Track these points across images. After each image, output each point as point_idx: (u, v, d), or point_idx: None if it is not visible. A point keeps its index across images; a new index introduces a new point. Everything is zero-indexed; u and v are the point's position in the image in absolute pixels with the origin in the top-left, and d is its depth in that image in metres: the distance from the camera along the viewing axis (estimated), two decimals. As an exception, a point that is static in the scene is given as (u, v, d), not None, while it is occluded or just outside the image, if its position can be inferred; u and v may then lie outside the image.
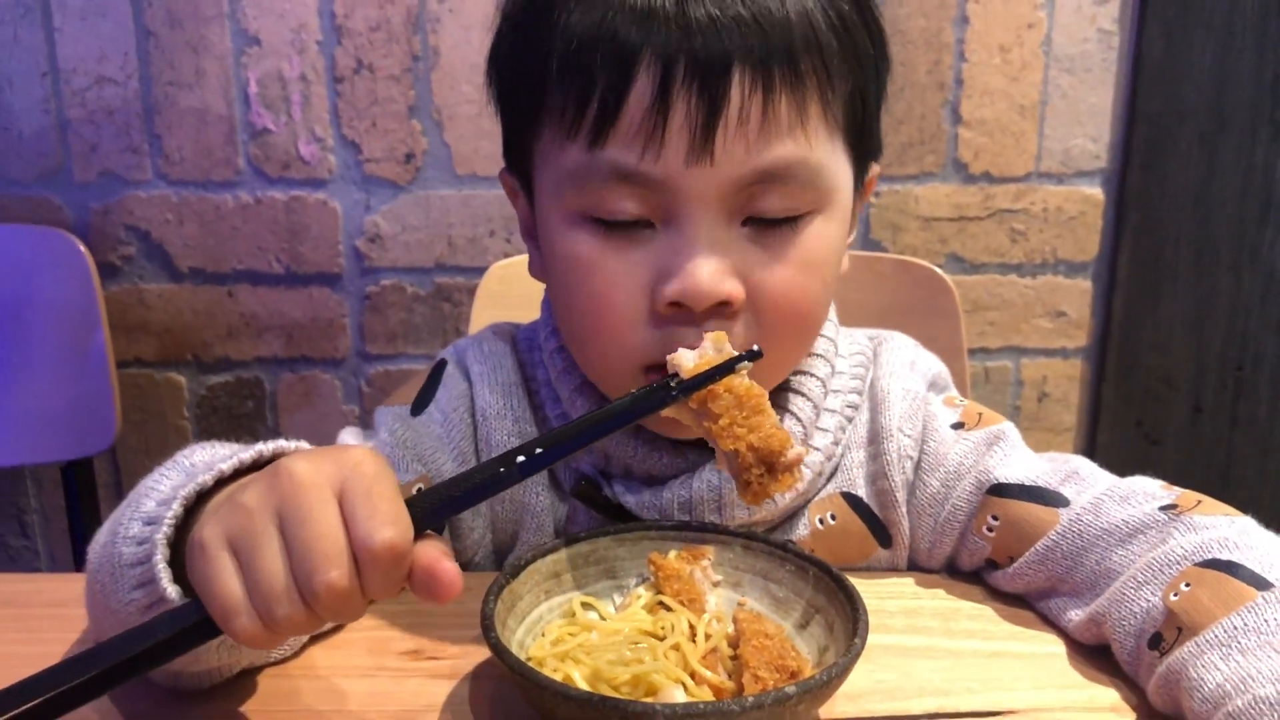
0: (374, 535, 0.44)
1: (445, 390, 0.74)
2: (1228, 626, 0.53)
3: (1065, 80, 1.37)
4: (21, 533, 1.54)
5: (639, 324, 0.63)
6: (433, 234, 1.41)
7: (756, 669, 0.53)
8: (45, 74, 1.36)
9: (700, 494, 0.67)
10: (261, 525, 0.45)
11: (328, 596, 0.44)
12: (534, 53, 0.64)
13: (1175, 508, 0.62)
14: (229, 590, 0.44)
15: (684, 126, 0.60)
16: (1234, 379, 1.46)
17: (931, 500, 0.71)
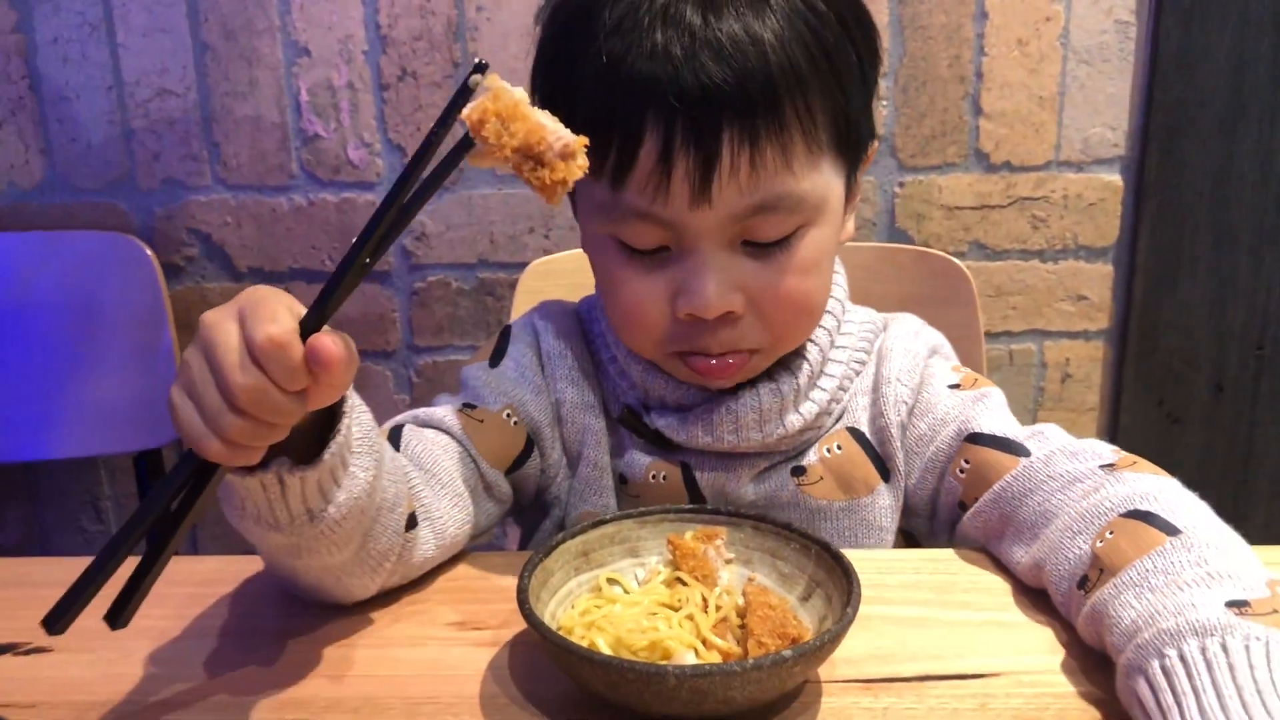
0: (256, 333, 0.51)
1: (514, 345, 0.87)
2: (1140, 568, 0.60)
3: (1083, 71, 1.41)
4: (96, 518, 1.65)
5: (664, 326, 0.76)
6: (475, 232, 1.48)
7: (761, 636, 0.60)
8: (110, 88, 1.45)
9: (720, 417, 0.80)
10: (195, 366, 0.53)
11: (244, 395, 0.51)
12: (567, 81, 0.74)
13: (1112, 465, 0.71)
14: (189, 422, 0.53)
15: (685, 179, 0.70)
16: (1254, 359, 1.49)
17: (918, 440, 0.83)
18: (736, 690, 0.55)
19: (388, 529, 0.67)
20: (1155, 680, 0.54)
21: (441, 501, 0.75)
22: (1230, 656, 0.52)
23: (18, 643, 0.69)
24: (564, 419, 0.85)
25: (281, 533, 0.60)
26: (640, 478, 0.83)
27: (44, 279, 1.42)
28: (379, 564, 0.68)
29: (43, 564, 0.81)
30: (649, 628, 0.61)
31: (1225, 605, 0.55)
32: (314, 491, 0.59)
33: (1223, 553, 0.60)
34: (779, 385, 0.80)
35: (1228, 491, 1.52)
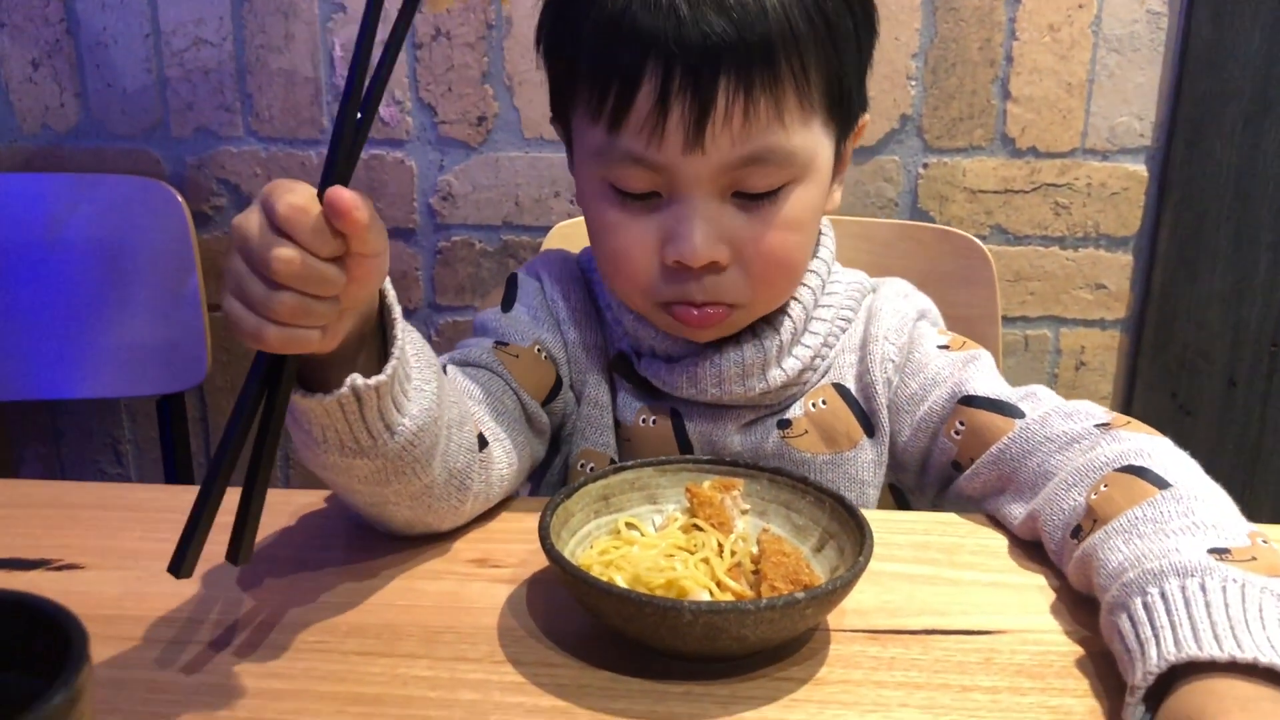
0: (277, 205, 0.53)
1: (523, 290, 0.90)
2: (1131, 516, 0.63)
3: (1113, 60, 1.42)
4: (116, 460, 1.67)
5: (651, 273, 0.79)
6: (501, 193, 1.50)
7: (774, 581, 0.61)
8: (148, 35, 1.47)
9: (704, 369, 0.83)
10: (234, 264, 0.55)
11: (282, 267, 0.53)
12: (571, 31, 0.77)
13: (1107, 425, 0.74)
14: (242, 318, 0.54)
15: (680, 124, 0.73)
16: (1269, 355, 1.50)
17: (910, 399, 0.84)
18: (749, 629, 0.57)
19: (462, 446, 0.70)
20: (1136, 615, 0.57)
21: (502, 426, 0.78)
22: (1208, 595, 0.55)
23: (50, 559, 0.71)
24: (571, 358, 0.88)
25: (366, 456, 0.62)
26: (632, 421, 0.86)
27: (75, 221, 1.44)
28: (462, 483, 0.71)
29: (74, 487, 0.83)
30: (666, 567, 0.62)
31: (1207, 551, 0.58)
32: (388, 403, 0.61)
33: (1208, 505, 0.63)
34: (762, 341, 0.82)
35: (1236, 484, 1.50)
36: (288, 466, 1.64)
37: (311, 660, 0.61)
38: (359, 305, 0.59)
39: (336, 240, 0.54)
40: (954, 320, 1.05)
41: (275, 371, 0.57)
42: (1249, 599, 0.55)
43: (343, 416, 0.60)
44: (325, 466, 0.65)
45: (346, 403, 0.60)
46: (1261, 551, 0.59)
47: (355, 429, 0.61)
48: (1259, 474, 1.54)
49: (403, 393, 0.62)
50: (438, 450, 0.67)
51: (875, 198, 1.48)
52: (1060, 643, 0.64)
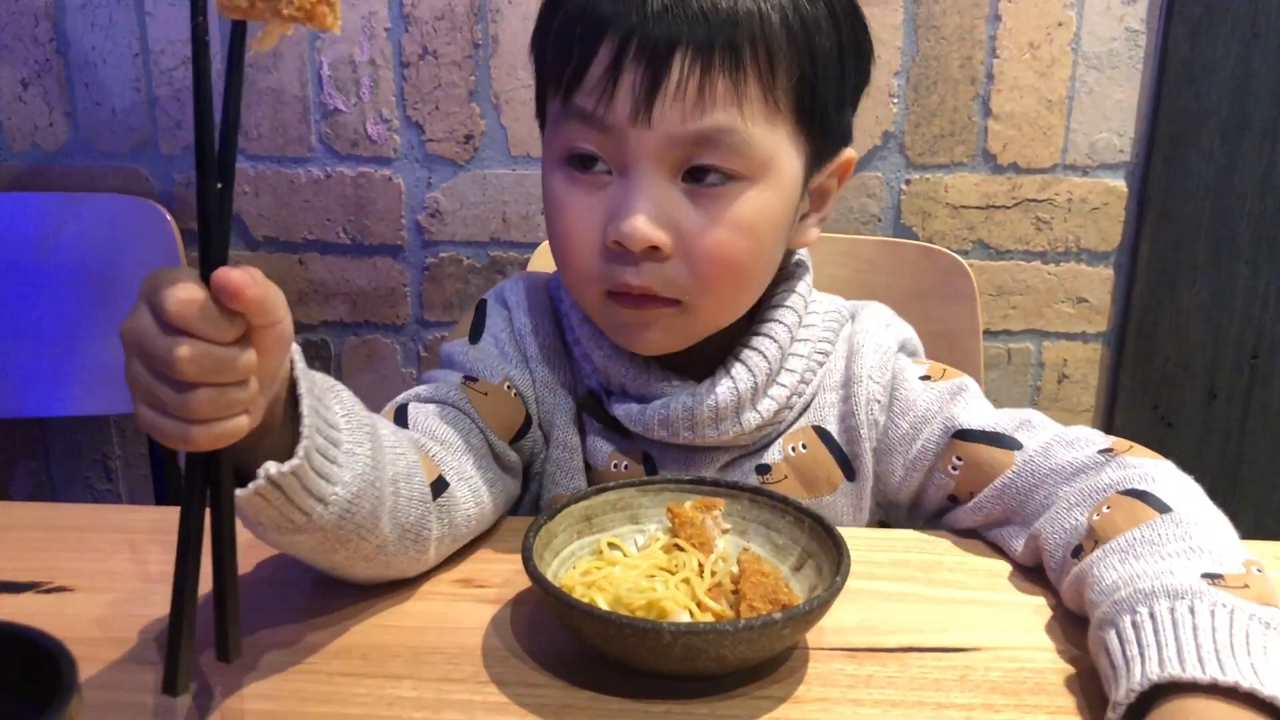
0: (163, 303, 0.49)
1: (491, 319, 0.87)
2: (1129, 538, 0.64)
3: (1092, 77, 1.44)
4: (106, 477, 1.68)
5: (594, 256, 0.76)
6: (489, 210, 1.51)
7: (753, 600, 0.62)
8: (137, 55, 1.48)
9: (676, 413, 0.80)
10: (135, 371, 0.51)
11: (185, 365, 0.49)
12: (548, 26, 0.77)
13: (1111, 451, 0.74)
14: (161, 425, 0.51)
15: (629, 92, 0.72)
16: (1249, 367, 1.52)
17: (901, 439, 0.83)
18: (728, 649, 0.58)
19: (413, 499, 0.67)
20: (1124, 632, 0.58)
21: (467, 464, 0.76)
22: (1196, 618, 0.56)
23: (40, 581, 0.72)
24: (538, 397, 0.85)
25: (304, 532, 0.60)
26: (603, 465, 0.84)
27: (64, 240, 1.44)
28: (418, 535, 0.68)
29: (63, 509, 0.84)
30: (647, 588, 0.64)
31: (1201, 575, 0.59)
32: (312, 480, 0.58)
33: (1206, 531, 0.64)
34: (736, 384, 0.80)
35: (1218, 495, 1.51)
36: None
37: (298, 682, 0.62)
38: (274, 375, 0.56)
39: (235, 321, 0.51)
40: (936, 335, 1.06)
41: (212, 465, 0.54)
42: (1236, 624, 0.56)
43: (268, 504, 0.57)
44: (272, 543, 0.63)
45: (267, 492, 0.56)
46: (1254, 579, 0.60)
47: (285, 510, 0.58)
48: (1240, 485, 1.56)
49: (330, 461, 0.59)
50: (383, 509, 0.64)
51: (859, 214, 1.49)
52: (1035, 660, 0.65)
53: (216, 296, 0.50)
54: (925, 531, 0.82)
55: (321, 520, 0.60)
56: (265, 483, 0.56)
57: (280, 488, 0.57)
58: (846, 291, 0.94)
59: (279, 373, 0.56)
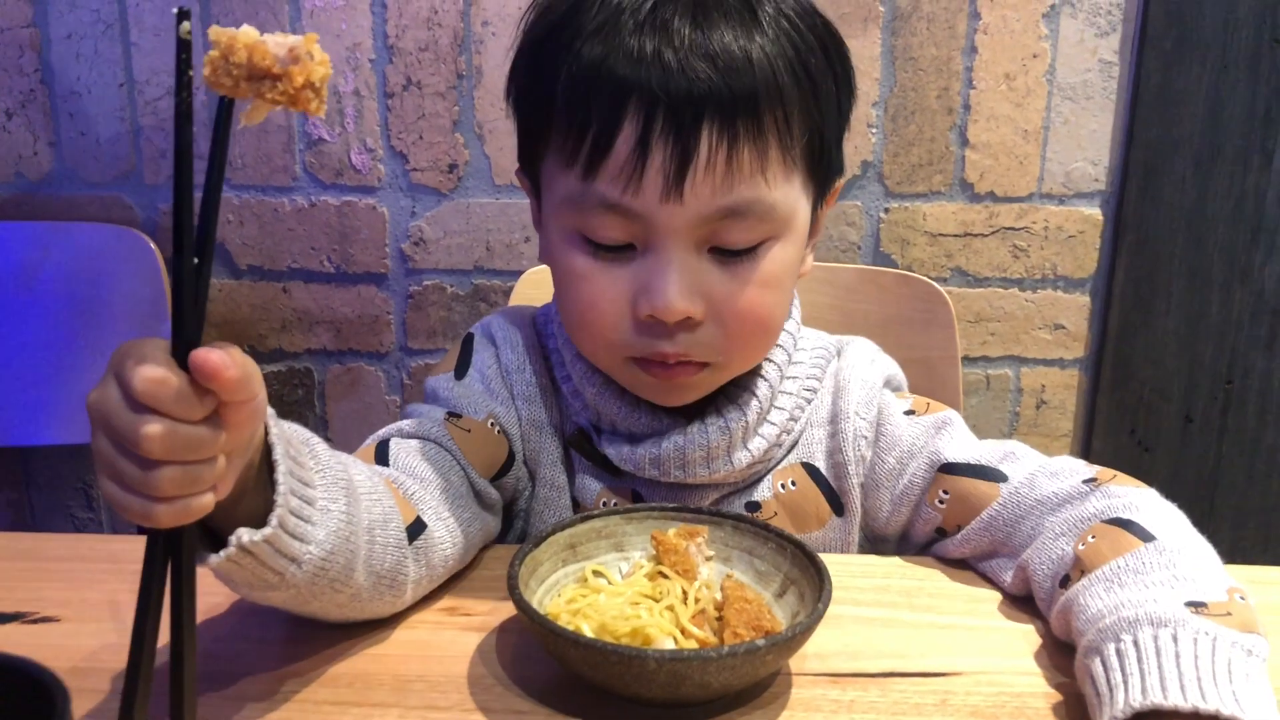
0: (132, 381, 0.48)
1: (478, 355, 0.87)
2: (1114, 566, 0.66)
3: (1067, 107, 1.46)
4: (87, 505, 1.67)
5: (622, 327, 0.76)
6: (472, 239, 1.52)
7: (736, 627, 0.63)
8: (121, 85, 1.48)
9: (668, 452, 0.80)
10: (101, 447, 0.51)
11: (152, 444, 0.48)
12: (546, 80, 0.75)
13: (1095, 480, 0.75)
14: (126, 502, 0.50)
15: (659, 171, 0.71)
16: (1223, 392, 1.54)
17: (888, 475, 0.84)
18: (712, 675, 0.59)
19: (388, 545, 0.67)
20: (1109, 660, 0.59)
21: (446, 503, 0.75)
22: (1179, 646, 0.57)
23: (25, 611, 0.72)
24: (524, 435, 0.85)
25: (279, 590, 0.60)
26: (591, 503, 0.84)
27: (48, 268, 1.45)
28: (394, 580, 0.68)
29: (49, 539, 0.84)
30: (631, 615, 0.64)
31: (1184, 604, 0.61)
32: (286, 542, 0.58)
33: (1191, 560, 0.65)
34: (728, 423, 0.80)
35: (1194, 518, 1.54)
36: (260, 510, 1.65)
37: (286, 710, 0.63)
38: (244, 448, 0.54)
39: (206, 399, 0.49)
40: (915, 362, 1.07)
41: (173, 539, 0.52)
42: (1219, 653, 0.57)
43: (240, 568, 0.57)
44: (245, 596, 0.62)
45: (239, 559, 0.56)
46: (1237, 607, 0.61)
47: (258, 573, 0.58)
48: (1215, 507, 1.58)
49: (305, 521, 0.59)
50: (358, 561, 0.63)
51: (839, 241, 1.51)
52: (1015, 685, 0.66)
53: (194, 377, 0.49)
54: (907, 559, 0.83)
55: (295, 579, 0.59)
56: (237, 550, 0.55)
57: (253, 554, 0.56)
58: (826, 319, 0.96)
59: (251, 443, 0.55)
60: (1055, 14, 1.43)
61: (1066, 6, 1.43)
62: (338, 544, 0.61)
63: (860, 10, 1.43)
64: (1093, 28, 1.44)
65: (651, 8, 0.72)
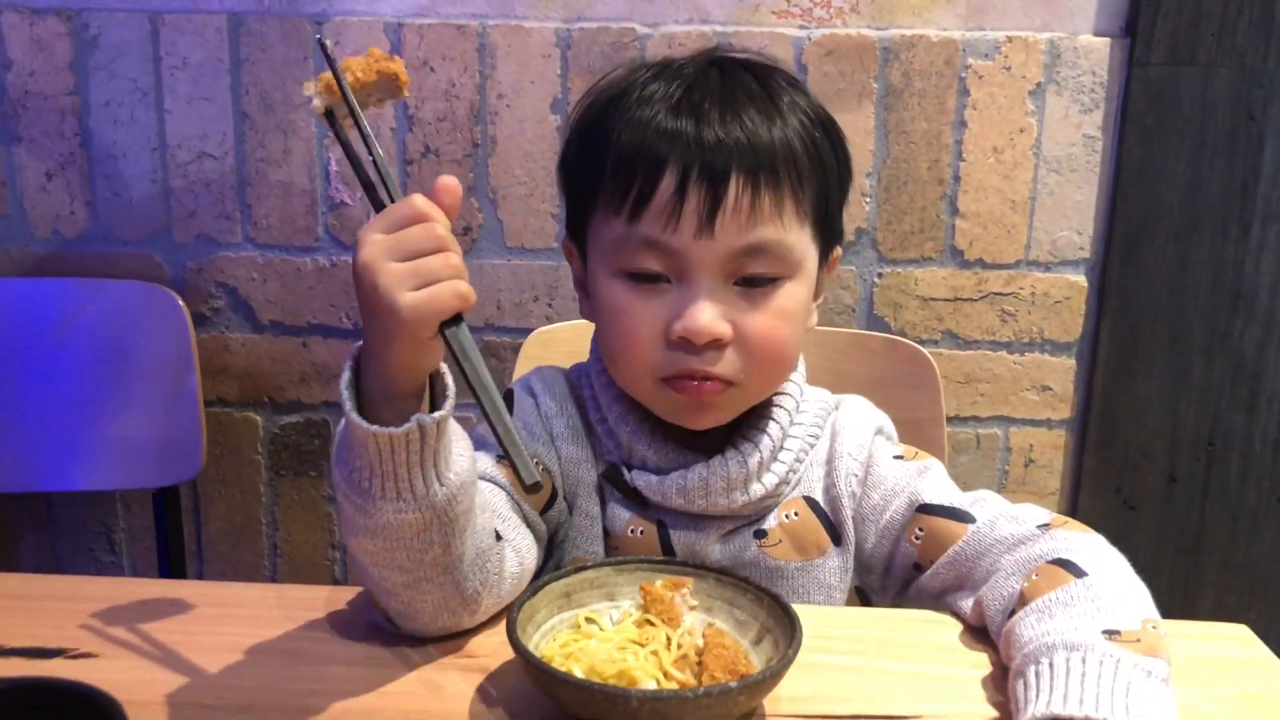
0: (415, 202, 0.70)
1: (519, 405, 0.97)
2: (1047, 599, 0.74)
3: (1053, 179, 1.53)
4: (110, 549, 1.74)
5: (656, 350, 0.87)
6: (484, 298, 1.59)
7: (714, 671, 0.69)
8: (155, 149, 1.57)
9: (692, 483, 0.90)
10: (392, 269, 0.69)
11: (438, 230, 0.69)
12: (593, 157, 0.88)
13: (1048, 525, 0.84)
14: (414, 300, 0.68)
15: (695, 211, 0.84)
16: (1206, 453, 1.59)
17: (873, 510, 0.93)
18: (689, 713, 0.65)
19: (486, 529, 0.79)
20: (1028, 679, 0.68)
21: (510, 528, 0.85)
22: (1085, 667, 0.66)
23: (68, 648, 0.78)
24: (564, 472, 0.95)
25: (417, 508, 0.71)
26: (620, 530, 0.93)
27: (82, 322, 1.52)
28: (483, 566, 0.78)
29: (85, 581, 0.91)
30: (619, 659, 0.70)
31: (1100, 632, 0.69)
32: (445, 444, 0.71)
33: (1115, 594, 0.74)
34: (745, 458, 0.90)
35: (1179, 576, 1.61)
36: (275, 556, 1.71)
37: (302, 742, 0.69)
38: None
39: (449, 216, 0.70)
40: (903, 422, 1.14)
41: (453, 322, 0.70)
42: (1120, 673, 0.66)
43: (405, 455, 0.69)
44: (375, 532, 0.72)
45: (411, 437, 0.69)
46: (1147, 635, 0.70)
47: (412, 473, 0.70)
48: (1200, 566, 1.62)
49: (447, 448, 0.72)
50: (472, 519, 0.76)
51: (834, 304, 1.58)
52: (970, 727, 0.72)
53: (439, 191, 0.70)
54: (879, 609, 0.89)
55: (434, 497, 0.71)
56: (415, 427, 0.69)
57: (423, 437, 0.69)
58: (821, 380, 1.03)
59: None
60: (1041, 91, 1.51)
61: (1051, 84, 1.51)
62: (467, 482, 0.73)
63: (855, 86, 1.51)
64: (1077, 105, 1.51)
65: (685, 92, 0.86)
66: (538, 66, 1.52)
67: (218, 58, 1.54)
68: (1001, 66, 1.50)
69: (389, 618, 0.80)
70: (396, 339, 0.69)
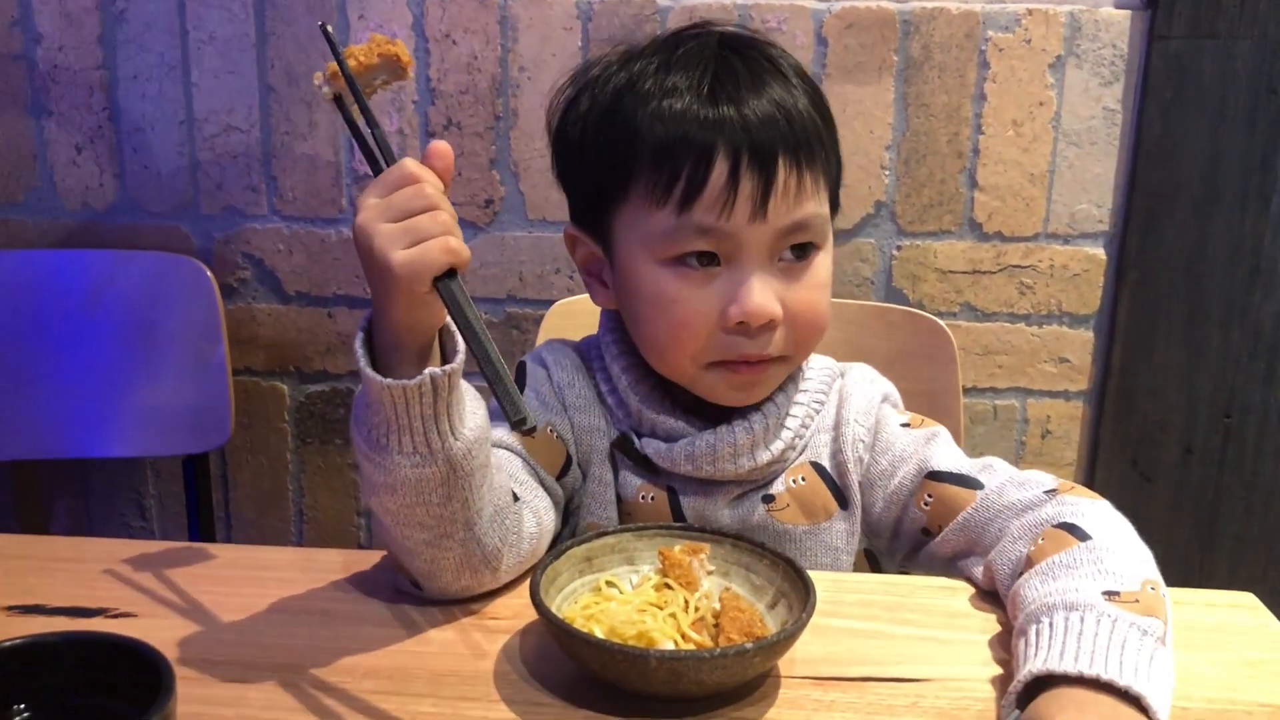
0: (405, 166, 0.72)
1: (531, 376, 0.99)
2: (1051, 562, 0.76)
3: (1072, 152, 1.54)
4: (140, 515, 1.78)
5: (709, 337, 0.88)
6: (506, 270, 1.62)
7: (730, 633, 0.72)
8: (182, 122, 1.59)
9: (700, 450, 0.92)
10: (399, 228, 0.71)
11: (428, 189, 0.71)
12: (618, 152, 0.89)
13: (1055, 491, 0.86)
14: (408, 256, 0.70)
15: (749, 197, 0.85)
16: (1222, 425, 1.60)
17: (881, 475, 0.95)
18: (706, 674, 0.67)
19: (504, 488, 0.81)
20: (1029, 638, 0.70)
21: (528, 491, 0.88)
22: (1083, 626, 0.68)
23: (108, 607, 0.81)
24: (577, 440, 0.97)
25: (434, 462, 0.73)
26: (632, 497, 0.96)
27: (112, 293, 1.56)
28: (503, 524, 0.81)
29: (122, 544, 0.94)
30: (638, 621, 0.73)
31: (1101, 593, 0.71)
32: (459, 396, 0.74)
33: (1118, 557, 0.76)
34: (752, 425, 0.92)
35: (1194, 547, 1.62)
36: (302, 522, 1.75)
37: (334, 698, 0.72)
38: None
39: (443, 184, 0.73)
40: (919, 394, 1.15)
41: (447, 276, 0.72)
42: (1116, 631, 0.68)
43: (419, 408, 0.72)
44: (395, 489, 0.75)
45: (424, 389, 0.71)
46: (1146, 596, 0.72)
47: (427, 426, 0.73)
48: (1215, 537, 1.64)
49: (460, 403, 0.74)
50: (489, 475, 0.78)
51: (853, 277, 1.59)
52: (979, 690, 0.74)
53: (431, 155, 0.73)
54: (890, 575, 0.91)
55: (451, 449, 0.74)
56: (427, 378, 0.71)
57: (436, 391, 0.72)
58: (838, 352, 1.04)
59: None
60: (1061, 64, 1.51)
61: (1072, 57, 1.51)
62: (481, 437, 0.76)
63: (875, 59, 1.52)
64: (1097, 78, 1.52)
65: (713, 79, 0.87)
66: (559, 39, 1.54)
67: (244, 32, 1.56)
68: (1022, 39, 1.50)
69: (414, 581, 0.83)
70: (394, 295, 0.72)
